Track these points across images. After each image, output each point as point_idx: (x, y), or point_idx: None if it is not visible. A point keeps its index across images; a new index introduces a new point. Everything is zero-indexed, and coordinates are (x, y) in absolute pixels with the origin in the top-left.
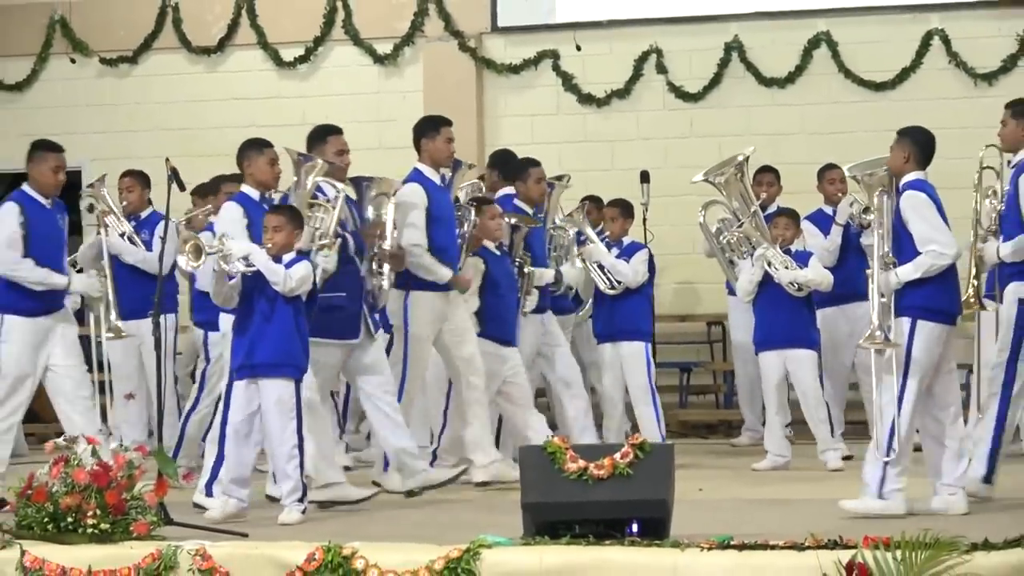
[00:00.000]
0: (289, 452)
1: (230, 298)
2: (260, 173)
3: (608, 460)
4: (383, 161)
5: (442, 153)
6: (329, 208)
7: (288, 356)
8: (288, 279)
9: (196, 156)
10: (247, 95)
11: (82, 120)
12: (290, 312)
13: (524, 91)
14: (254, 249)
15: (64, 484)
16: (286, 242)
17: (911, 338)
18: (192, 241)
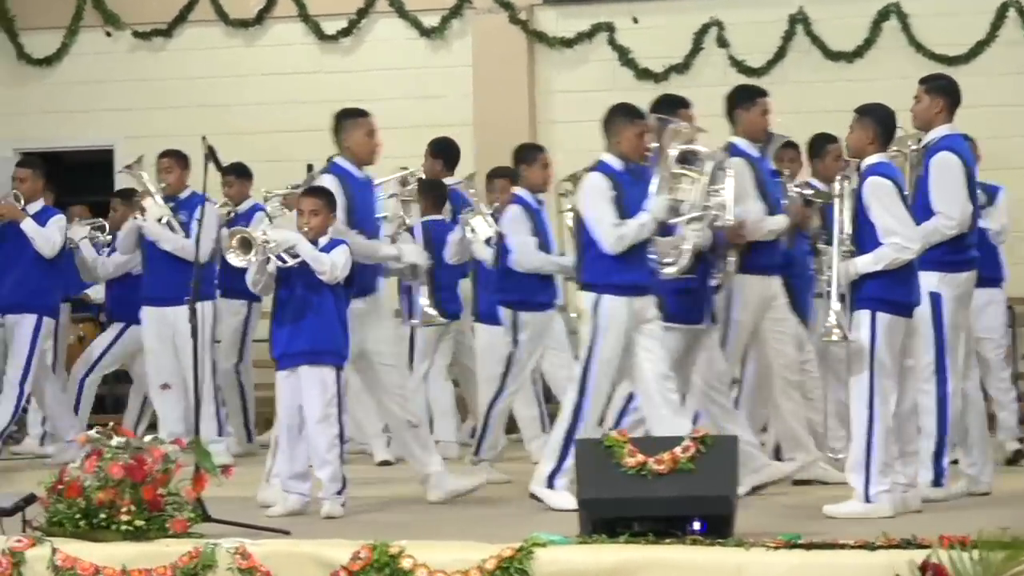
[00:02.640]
0: (330, 441)
1: (268, 287)
2: (357, 145)
3: (669, 454)
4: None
5: (758, 125)
6: (695, 178)
7: (330, 343)
8: (334, 267)
9: (234, 134)
10: (287, 70)
11: (114, 96)
12: (330, 299)
13: (578, 66)
14: (299, 239)
15: (98, 479)
16: (322, 226)
17: (873, 332)
18: (239, 234)
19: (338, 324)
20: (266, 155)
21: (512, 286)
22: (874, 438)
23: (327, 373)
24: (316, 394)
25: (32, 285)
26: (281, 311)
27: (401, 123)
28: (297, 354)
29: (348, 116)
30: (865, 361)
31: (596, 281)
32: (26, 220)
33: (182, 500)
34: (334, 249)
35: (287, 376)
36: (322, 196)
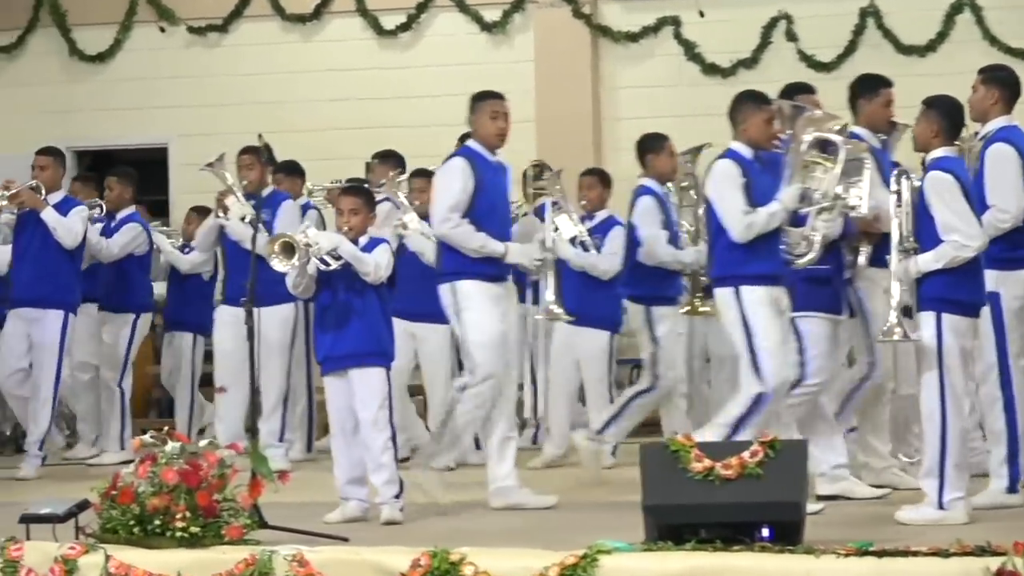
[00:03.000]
0: (383, 444)
1: (309, 288)
2: (482, 128)
3: (737, 459)
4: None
5: (881, 116)
6: (828, 166)
7: (377, 344)
8: (377, 267)
9: (289, 131)
10: (344, 66)
11: (167, 93)
12: (375, 298)
13: (643, 61)
14: (341, 240)
15: (152, 484)
16: (363, 225)
17: (939, 334)
18: (282, 239)
19: (384, 324)
20: (322, 153)
21: (642, 280)
22: (948, 443)
23: (376, 374)
24: (367, 397)
25: (57, 279)
26: (324, 314)
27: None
28: (343, 357)
29: (476, 98)
30: (933, 364)
31: (730, 273)
32: (47, 209)
33: (238, 506)
34: (376, 248)
35: (334, 380)
36: (361, 195)
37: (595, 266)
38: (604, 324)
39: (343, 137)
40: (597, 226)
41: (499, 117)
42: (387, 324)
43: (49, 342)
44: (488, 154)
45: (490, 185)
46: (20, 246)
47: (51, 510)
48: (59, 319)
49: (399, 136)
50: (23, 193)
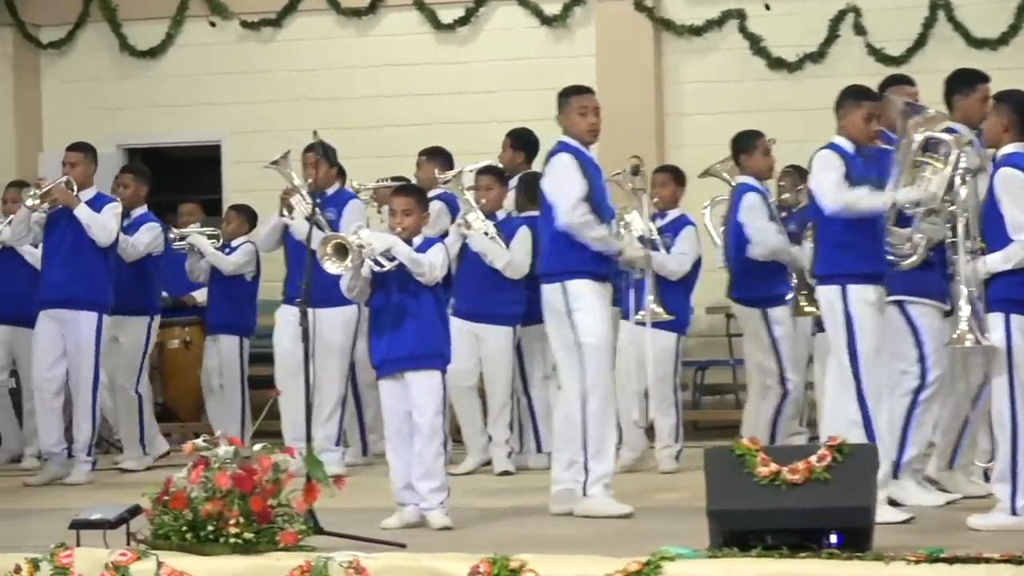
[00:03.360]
0: (437, 449)
1: (364, 291)
2: (571, 125)
3: (804, 463)
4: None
5: (977, 112)
6: (937, 167)
7: (433, 347)
8: (432, 268)
9: (345, 128)
10: (401, 61)
11: (220, 90)
12: (430, 300)
13: (707, 55)
14: (395, 241)
15: (205, 489)
16: (416, 225)
17: (1008, 336)
18: (334, 240)
19: (439, 326)
20: (378, 150)
21: (754, 282)
22: (1020, 447)
23: (433, 377)
24: (424, 401)
25: (90, 279)
26: (379, 316)
27: (520, 116)
28: (398, 359)
29: (563, 94)
30: (1003, 367)
31: (836, 271)
32: (80, 206)
33: (293, 512)
34: (430, 248)
35: (390, 383)
36: (414, 194)
37: (664, 266)
38: (672, 325)
39: (400, 134)
40: (668, 224)
41: (588, 113)
42: (443, 326)
43: (84, 344)
44: (585, 150)
45: (594, 181)
46: (51, 245)
47: (102, 516)
48: (93, 320)
49: (457, 133)
50: (55, 190)
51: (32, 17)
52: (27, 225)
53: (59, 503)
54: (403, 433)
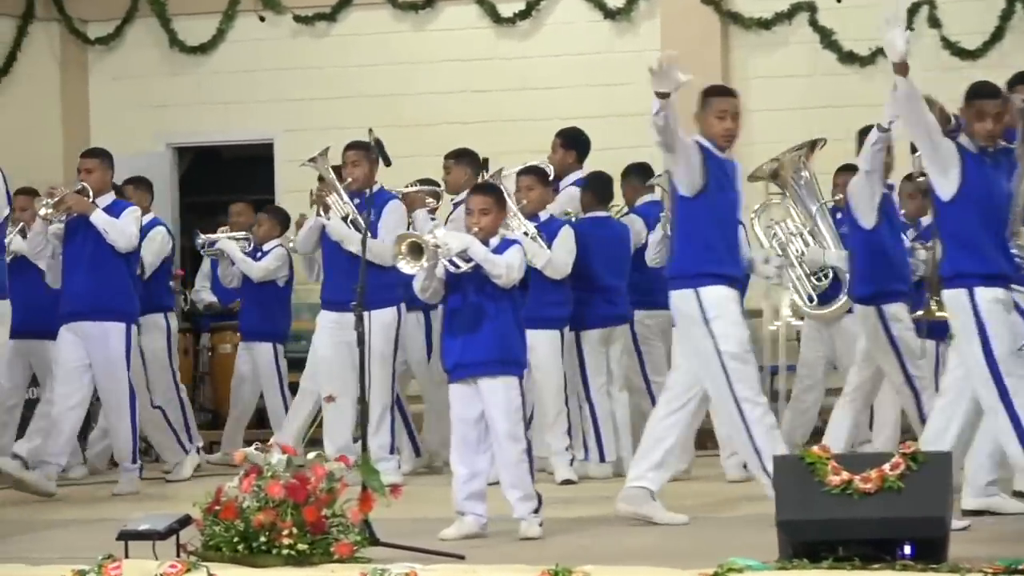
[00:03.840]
0: (519, 456)
1: (438, 292)
2: (708, 128)
3: (876, 472)
4: (615, 131)
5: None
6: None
7: (509, 351)
8: (510, 270)
9: (402, 126)
10: (460, 56)
11: (273, 86)
12: (507, 303)
13: (776, 49)
14: (472, 241)
15: (257, 499)
16: (494, 225)
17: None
18: (409, 239)
19: (516, 330)
20: (437, 148)
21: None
22: None
23: (510, 384)
24: (501, 408)
25: (115, 288)
26: (454, 319)
27: (583, 113)
28: (473, 364)
29: (706, 93)
30: None
31: (963, 271)
32: (96, 212)
33: (347, 522)
34: (508, 250)
35: (461, 388)
36: (492, 193)
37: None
38: None
39: (458, 131)
40: None
41: (726, 118)
42: (519, 330)
43: (115, 356)
44: (717, 151)
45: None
46: (70, 256)
47: (151, 526)
48: (121, 332)
49: (517, 130)
50: (68, 198)
51: (79, 12)
52: (44, 237)
53: (107, 513)
54: (470, 441)
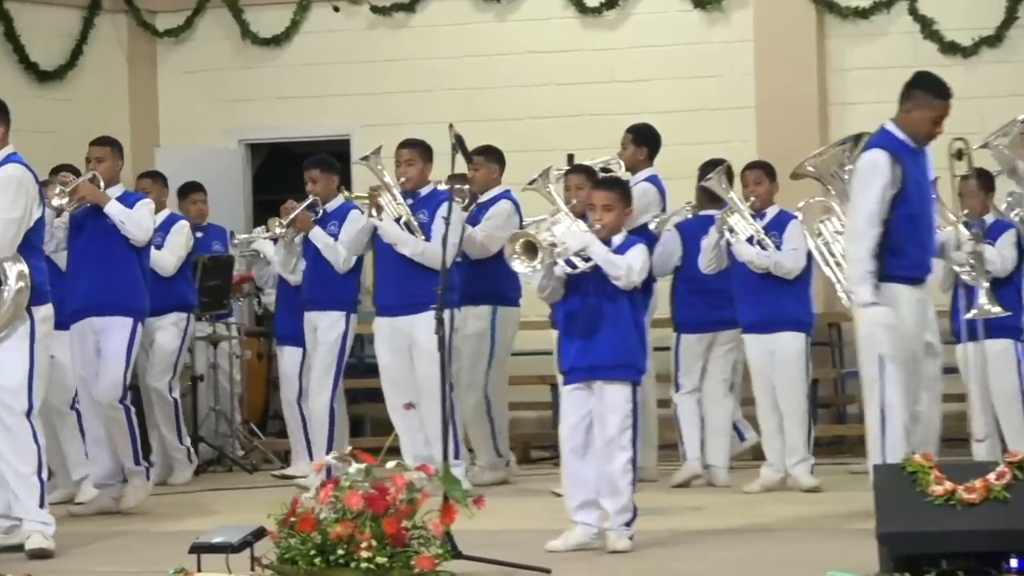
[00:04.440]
0: (623, 467)
1: (557, 292)
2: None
3: (981, 482)
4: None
5: None
6: None
7: (629, 356)
8: (630, 271)
9: (484, 120)
10: (544, 48)
11: (349, 80)
12: (627, 306)
13: (874, 39)
14: (591, 240)
15: (334, 511)
16: (617, 223)
17: None
18: (523, 238)
19: (635, 335)
20: (520, 143)
21: None
22: None
23: (624, 390)
24: (612, 413)
25: (123, 282)
26: (571, 321)
27: (672, 107)
28: (589, 368)
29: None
30: None
31: None
32: (112, 203)
33: (429, 534)
34: (630, 249)
35: (576, 392)
36: (616, 188)
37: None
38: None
39: (542, 126)
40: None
41: (940, 123)
42: (640, 334)
43: (114, 353)
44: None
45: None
46: (77, 250)
47: (224, 539)
48: (126, 327)
49: (603, 124)
50: (82, 187)
51: (148, 3)
52: (50, 230)
53: (180, 525)
54: (580, 448)
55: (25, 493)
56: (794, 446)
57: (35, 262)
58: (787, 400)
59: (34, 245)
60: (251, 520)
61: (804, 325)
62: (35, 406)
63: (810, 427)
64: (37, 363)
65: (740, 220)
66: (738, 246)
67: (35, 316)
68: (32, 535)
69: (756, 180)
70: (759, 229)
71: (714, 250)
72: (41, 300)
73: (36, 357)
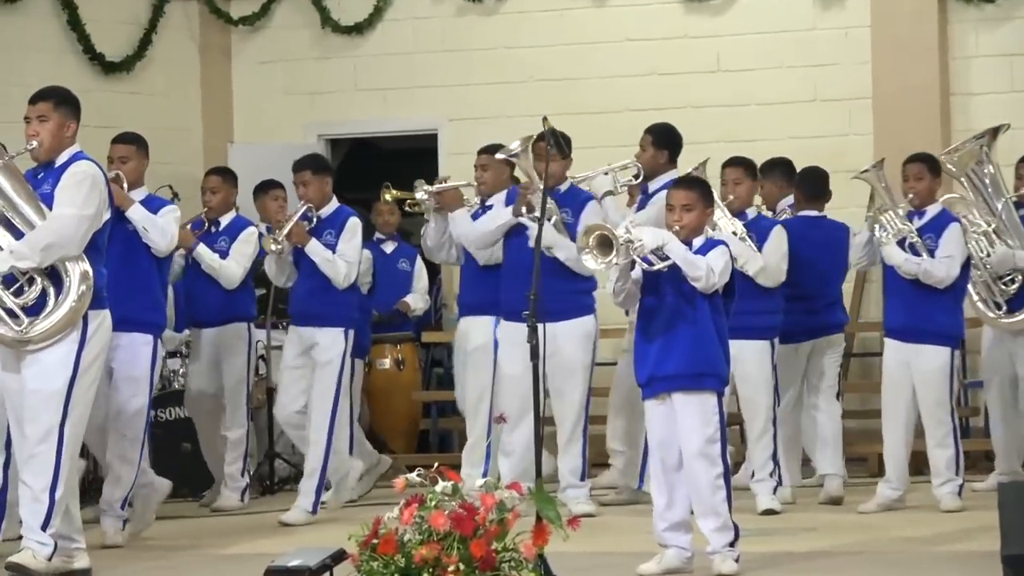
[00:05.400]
0: (713, 482)
1: (632, 295)
2: None
3: None
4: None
5: None
6: None
7: (708, 364)
8: (710, 274)
9: (581, 113)
10: (645, 35)
11: (437, 70)
12: (707, 311)
13: (1001, 24)
14: (670, 238)
15: (419, 531)
16: (698, 224)
17: None
18: (598, 231)
19: (716, 341)
20: (620, 137)
21: None
22: None
23: (707, 400)
24: (694, 426)
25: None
26: (648, 326)
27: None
28: (668, 378)
29: None
30: None
31: None
32: (135, 207)
33: (520, 556)
34: (711, 251)
35: (657, 405)
36: (696, 188)
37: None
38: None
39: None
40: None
41: None
42: (722, 341)
43: (140, 372)
44: None
45: None
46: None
47: (302, 561)
48: (148, 345)
49: (709, 116)
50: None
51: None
52: None
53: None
54: (668, 466)
55: (30, 510)
56: (937, 467)
57: (98, 265)
58: (929, 418)
59: (99, 247)
60: (331, 541)
61: (951, 339)
62: (68, 418)
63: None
64: (81, 373)
65: (893, 219)
66: (886, 248)
67: (89, 322)
68: (24, 550)
69: (917, 175)
70: (913, 230)
71: (865, 247)
72: (98, 305)
73: (81, 366)
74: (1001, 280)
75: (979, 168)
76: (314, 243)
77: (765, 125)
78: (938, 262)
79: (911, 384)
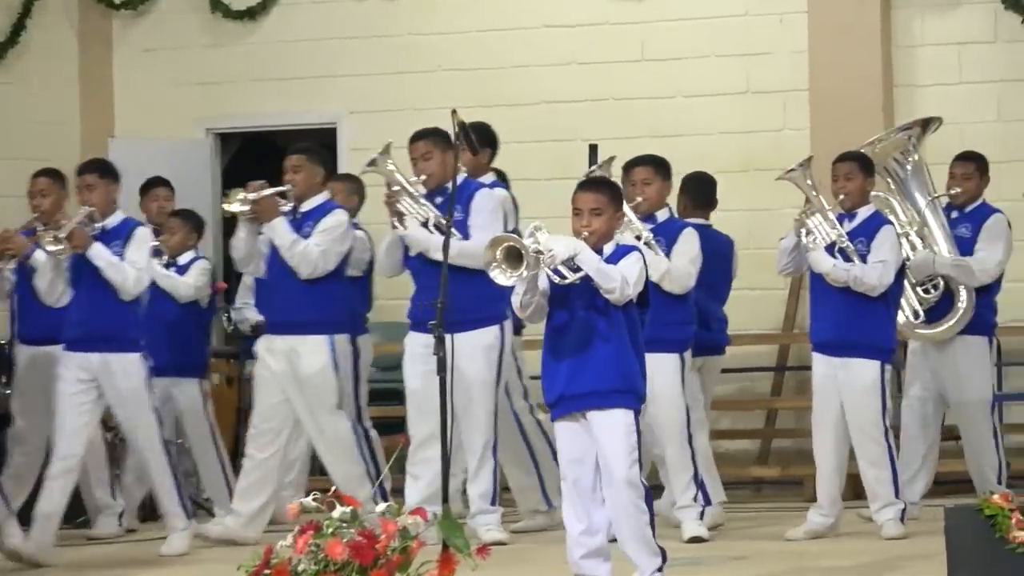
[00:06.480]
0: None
1: (541, 309)
2: None
3: None
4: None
5: None
6: None
7: (624, 380)
8: (624, 284)
9: (493, 106)
10: (564, 22)
11: (337, 58)
12: (622, 323)
13: (948, 11)
14: (581, 248)
15: (314, 561)
16: (608, 229)
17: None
18: (506, 243)
19: (633, 356)
20: (539, 132)
21: None
22: None
23: (625, 418)
24: (618, 449)
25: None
26: (557, 341)
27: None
28: (583, 396)
29: None
30: None
31: None
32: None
33: None
34: (624, 258)
35: (569, 424)
36: (605, 190)
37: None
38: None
39: (562, 112)
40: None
41: None
42: (638, 356)
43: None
44: None
45: None
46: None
47: None
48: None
49: (632, 109)
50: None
51: None
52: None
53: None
54: (582, 487)
55: None
56: (873, 491)
57: None
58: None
59: None
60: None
61: (881, 352)
62: None
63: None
64: None
65: (821, 223)
66: (813, 254)
67: None
68: None
69: (847, 174)
70: (842, 235)
71: (791, 253)
72: None
73: None
74: (920, 286)
75: (902, 159)
76: (98, 246)
77: (693, 119)
78: (870, 267)
79: (840, 401)
